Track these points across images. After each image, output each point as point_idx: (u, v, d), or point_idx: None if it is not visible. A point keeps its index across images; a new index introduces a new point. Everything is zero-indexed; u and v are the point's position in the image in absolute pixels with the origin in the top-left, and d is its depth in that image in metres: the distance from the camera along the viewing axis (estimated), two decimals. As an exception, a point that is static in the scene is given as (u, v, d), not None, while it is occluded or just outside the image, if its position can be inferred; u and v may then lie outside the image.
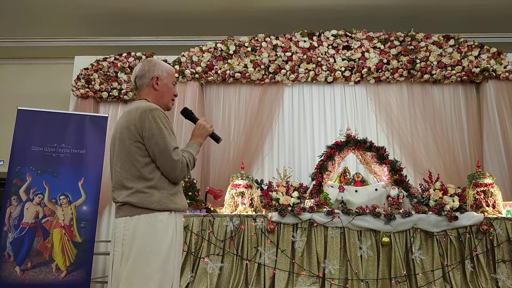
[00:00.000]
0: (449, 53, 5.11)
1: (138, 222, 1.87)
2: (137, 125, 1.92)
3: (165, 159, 1.91)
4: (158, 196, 1.90)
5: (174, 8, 5.44)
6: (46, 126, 4.24)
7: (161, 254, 1.85)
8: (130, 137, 1.93)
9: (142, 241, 1.84)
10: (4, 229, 3.96)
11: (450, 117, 5.18)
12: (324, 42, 5.23)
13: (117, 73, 5.30)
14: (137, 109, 1.97)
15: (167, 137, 1.92)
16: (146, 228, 1.86)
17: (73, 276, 4.01)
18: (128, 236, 1.86)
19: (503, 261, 3.79)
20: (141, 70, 2.10)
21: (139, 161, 1.92)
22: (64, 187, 4.16)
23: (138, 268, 1.83)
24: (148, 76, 2.08)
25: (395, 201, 4.10)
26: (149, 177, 1.91)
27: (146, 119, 1.92)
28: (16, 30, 5.92)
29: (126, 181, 1.92)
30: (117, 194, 1.95)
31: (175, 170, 1.93)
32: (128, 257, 1.84)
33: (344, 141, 4.40)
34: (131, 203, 1.88)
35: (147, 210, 1.87)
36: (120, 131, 1.99)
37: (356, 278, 3.76)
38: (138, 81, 2.10)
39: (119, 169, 1.96)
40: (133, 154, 1.93)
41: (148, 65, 2.10)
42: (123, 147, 1.96)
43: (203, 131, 2.16)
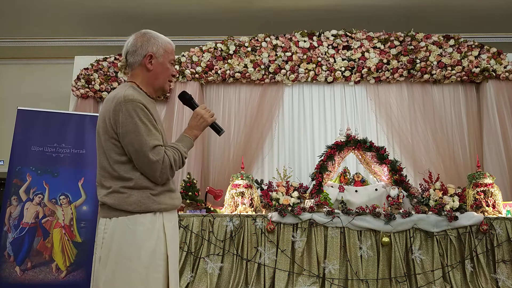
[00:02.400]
0: (449, 53, 5.11)
1: (116, 225, 1.64)
2: (111, 119, 1.65)
3: (141, 160, 1.64)
4: (136, 197, 1.65)
5: (174, 8, 5.44)
6: (46, 126, 4.24)
7: (141, 262, 1.62)
8: (106, 132, 1.68)
9: (120, 247, 1.62)
10: (4, 229, 3.96)
11: (450, 117, 5.18)
12: (324, 42, 5.23)
13: (117, 73, 5.31)
14: (114, 98, 1.68)
15: (143, 134, 1.62)
16: (125, 232, 1.62)
17: (73, 276, 4.01)
18: (107, 239, 1.64)
19: (503, 261, 3.79)
20: (133, 45, 1.78)
21: (115, 159, 1.67)
22: (64, 187, 4.16)
23: (117, 276, 1.61)
24: (140, 53, 1.76)
25: (395, 201, 4.10)
26: (126, 176, 1.66)
27: (120, 112, 1.63)
28: (16, 30, 5.92)
29: (104, 180, 1.70)
30: (98, 191, 1.73)
31: (154, 172, 1.65)
32: (106, 263, 1.62)
33: (344, 141, 4.40)
34: (108, 204, 1.66)
35: (125, 212, 1.63)
36: (98, 122, 1.74)
37: (356, 278, 3.76)
38: (129, 58, 1.78)
39: (98, 166, 1.73)
40: (108, 151, 1.68)
41: (142, 40, 1.78)
42: (99, 142, 1.72)
43: (201, 122, 1.85)
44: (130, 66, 1.80)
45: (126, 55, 1.79)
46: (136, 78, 1.80)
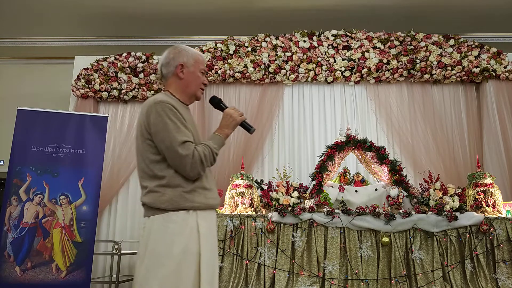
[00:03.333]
0: (449, 53, 5.11)
1: (153, 223, 1.77)
2: (144, 121, 1.82)
3: (172, 155, 1.76)
4: (169, 195, 1.75)
5: (174, 8, 5.44)
6: (46, 126, 4.24)
7: (173, 258, 1.70)
8: (142, 135, 1.84)
9: (154, 243, 1.74)
10: (4, 229, 3.96)
11: (450, 117, 5.18)
12: (324, 42, 5.23)
13: (117, 73, 5.31)
14: (146, 103, 1.86)
15: (172, 131, 1.75)
16: (159, 229, 1.74)
17: (73, 276, 4.01)
18: (144, 237, 1.78)
19: (503, 261, 3.79)
20: (166, 58, 1.95)
21: (150, 159, 1.81)
22: (64, 187, 4.16)
23: (151, 272, 1.71)
24: (173, 64, 1.93)
25: (395, 201, 4.10)
26: (160, 175, 1.78)
27: (151, 114, 1.80)
28: (16, 30, 5.92)
29: (142, 181, 1.84)
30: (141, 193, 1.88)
31: (185, 166, 1.75)
32: (142, 259, 1.75)
33: (344, 141, 4.40)
34: (145, 203, 1.81)
35: (159, 211, 1.75)
36: (136, 128, 1.93)
37: (356, 278, 3.76)
38: (163, 70, 1.96)
39: (138, 168, 1.88)
40: (145, 152, 1.83)
41: (173, 52, 1.95)
42: (137, 145, 1.89)
43: (230, 121, 1.95)
44: (164, 77, 1.97)
45: (160, 68, 1.97)
46: (170, 87, 1.96)
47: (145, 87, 5.27)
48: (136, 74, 5.30)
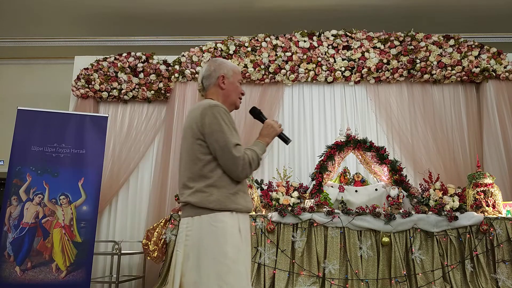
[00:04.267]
0: (449, 53, 5.11)
1: (201, 223, 1.81)
2: (198, 123, 1.89)
3: (226, 156, 1.84)
4: (217, 196, 1.82)
5: (174, 8, 5.44)
6: (46, 126, 4.24)
7: (228, 256, 1.77)
8: (193, 135, 1.90)
9: (207, 243, 1.78)
10: (4, 229, 3.96)
11: (450, 117, 5.18)
12: (324, 42, 5.23)
13: (117, 73, 5.30)
14: (199, 106, 1.94)
15: (227, 133, 1.85)
16: (209, 229, 1.79)
17: (73, 276, 4.01)
18: (192, 237, 1.81)
19: (503, 261, 3.79)
20: (207, 70, 2.07)
21: (200, 159, 1.87)
22: (64, 187, 4.16)
23: (208, 271, 1.75)
24: (214, 76, 2.04)
25: (395, 201, 4.10)
26: (209, 175, 1.85)
27: (206, 115, 1.88)
28: (16, 30, 5.92)
29: (188, 180, 1.88)
30: (181, 193, 1.92)
31: (237, 167, 1.84)
32: (195, 260, 1.77)
33: (344, 141, 4.40)
34: (191, 203, 1.84)
35: (207, 210, 1.81)
36: (184, 130, 1.98)
37: (356, 278, 3.76)
38: (205, 82, 2.06)
39: (183, 169, 1.93)
40: (195, 152, 1.88)
41: (214, 65, 2.07)
42: (186, 146, 1.93)
43: (271, 131, 2.08)
44: (205, 88, 2.07)
45: (202, 80, 2.07)
46: (211, 96, 2.04)
47: (145, 87, 5.27)
48: (136, 74, 5.30)
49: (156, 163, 5.17)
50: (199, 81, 2.09)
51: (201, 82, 2.08)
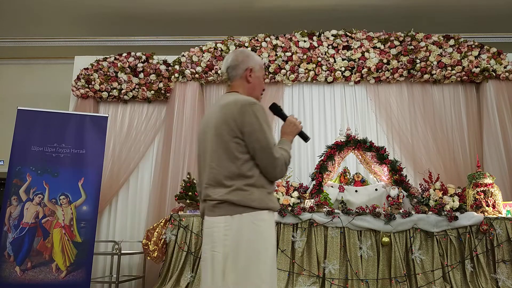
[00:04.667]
0: (449, 53, 5.11)
1: (241, 221, 1.76)
2: (237, 120, 1.81)
3: (266, 156, 1.81)
4: (257, 194, 1.79)
5: (174, 8, 5.44)
6: (46, 126, 4.24)
7: (269, 255, 1.77)
8: (229, 133, 1.82)
9: (250, 242, 1.74)
10: (4, 229, 3.96)
11: (450, 117, 5.18)
12: (324, 42, 5.23)
13: (117, 73, 5.31)
14: (236, 102, 1.85)
15: (267, 132, 1.82)
16: (252, 227, 1.76)
17: (73, 276, 4.01)
18: (232, 236, 1.75)
19: (503, 261, 3.78)
20: (234, 61, 1.99)
21: (238, 157, 1.81)
22: (64, 187, 4.16)
23: (251, 270, 1.73)
24: (241, 68, 1.98)
25: (395, 201, 4.10)
26: (248, 174, 1.80)
27: (247, 113, 1.82)
28: (16, 30, 5.92)
29: (224, 179, 1.80)
30: (212, 191, 1.82)
31: (275, 168, 1.83)
32: (236, 259, 1.73)
33: (344, 141, 4.40)
34: (231, 201, 1.77)
35: (249, 209, 1.76)
36: (216, 126, 1.86)
37: (356, 278, 3.76)
38: (231, 72, 1.99)
39: (216, 166, 1.83)
40: (232, 151, 1.81)
41: (242, 56, 2.01)
42: (221, 143, 1.84)
43: (293, 129, 2.04)
44: (231, 78, 2.00)
45: (227, 69, 2.01)
46: (237, 89, 1.99)
47: (145, 87, 5.27)
48: (136, 74, 5.30)
49: (156, 163, 5.17)
50: (224, 70, 2.01)
51: (226, 72, 2.00)
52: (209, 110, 1.98)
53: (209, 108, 2.03)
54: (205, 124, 1.94)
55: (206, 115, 1.99)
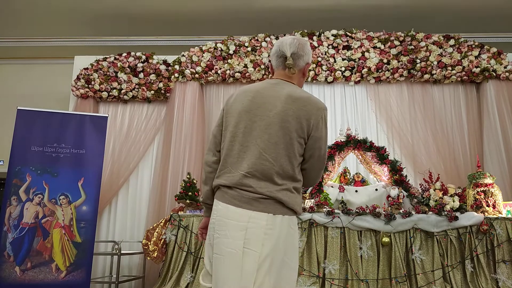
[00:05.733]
0: (449, 53, 5.11)
1: (282, 222, 1.64)
2: (310, 122, 1.71)
3: (320, 166, 1.78)
4: (300, 199, 1.73)
5: (174, 8, 5.44)
6: (46, 126, 4.24)
7: (297, 262, 1.71)
8: (297, 131, 1.69)
9: (286, 246, 1.64)
10: (4, 229, 3.96)
11: (450, 117, 5.17)
12: (324, 42, 5.23)
13: (117, 73, 5.30)
14: (311, 102, 1.74)
15: (326, 142, 1.79)
16: (289, 231, 1.67)
17: (73, 276, 4.01)
18: (273, 236, 1.60)
19: (503, 261, 3.78)
20: (302, 50, 1.82)
21: (297, 158, 1.71)
22: (64, 187, 4.16)
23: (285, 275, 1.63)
24: (305, 60, 1.84)
25: (395, 201, 4.10)
26: (298, 178, 1.74)
27: (321, 119, 1.74)
28: (16, 30, 5.92)
29: (275, 175, 1.66)
30: (256, 183, 1.64)
31: (319, 178, 1.83)
32: (273, 261, 1.59)
33: (344, 141, 4.40)
34: (280, 200, 1.64)
35: (291, 212, 1.68)
36: (283, 117, 1.69)
37: (356, 278, 3.75)
38: (297, 61, 1.81)
39: (271, 159, 1.66)
40: (294, 150, 1.69)
41: (308, 48, 1.85)
42: (284, 137, 1.68)
43: None
44: (293, 67, 1.82)
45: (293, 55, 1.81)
46: (294, 80, 1.85)
47: (145, 87, 5.27)
48: (136, 74, 5.30)
49: (156, 163, 5.17)
50: (289, 55, 1.79)
51: (292, 58, 1.80)
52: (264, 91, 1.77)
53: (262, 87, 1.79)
54: (258, 105, 1.73)
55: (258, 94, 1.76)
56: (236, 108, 1.76)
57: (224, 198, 1.68)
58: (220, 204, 1.68)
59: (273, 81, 1.82)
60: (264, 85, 1.81)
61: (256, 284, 1.55)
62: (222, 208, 1.67)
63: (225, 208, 1.66)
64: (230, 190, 1.67)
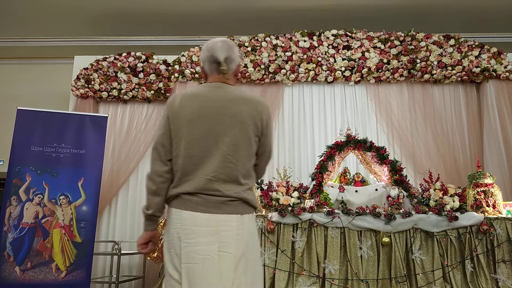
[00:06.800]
0: (450, 53, 5.11)
1: (249, 221, 1.72)
2: (263, 121, 1.79)
3: (268, 160, 1.89)
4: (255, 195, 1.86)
5: (174, 8, 5.44)
6: (46, 126, 4.24)
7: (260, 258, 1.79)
8: (254, 130, 1.76)
9: (255, 242, 1.74)
10: (4, 229, 3.96)
11: (450, 117, 5.17)
12: (324, 42, 5.22)
13: (117, 73, 5.30)
14: (260, 102, 1.82)
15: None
16: (254, 228, 1.77)
17: (73, 276, 4.01)
18: (244, 236, 1.66)
19: (503, 261, 3.78)
20: (234, 53, 1.84)
21: (254, 157, 1.80)
22: (64, 187, 4.16)
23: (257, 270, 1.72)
24: (237, 62, 1.87)
25: (395, 201, 4.10)
26: (253, 175, 1.83)
27: (270, 117, 1.84)
28: (16, 30, 5.92)
29: (241, 176, 1.71)
30: (222, 186, 1.67)
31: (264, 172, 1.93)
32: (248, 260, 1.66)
33: (344, 141, 4.40)
34: (246, 199, 1.70)
35: (253, 209, 1.76)
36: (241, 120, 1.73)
37: (356, 278, 3.75)
38: (229, 64, 1.83)
39: (235, 161, 1.70)
40: (252, 149, 1.77)
41: (237, 51, 1.89)
42: (244, 139, 1.73)
43: None
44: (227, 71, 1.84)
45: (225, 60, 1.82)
46: (231, 82, 1.89)
47: (145, 87, 5.27)
48: (136, 74, 5.30)
49: (156, 163, 5.16)
50: (222, 60, 1.80)
51: (225, 62, 1.81)
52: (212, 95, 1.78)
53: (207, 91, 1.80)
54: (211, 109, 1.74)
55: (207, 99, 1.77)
56: (185, 115, 1.73)
57: (187, 205, 1.66)
58: (184, 212, 1.66)
59: (215, 85, 1.83)
60: (208, 89, 1.82)
61: (234, 285, 1.60)
62: (188, 217, 1.65)
63: (192, 216, 1.65)
64: (194, 197, 1.67)
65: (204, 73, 1.91)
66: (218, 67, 1.82)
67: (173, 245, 1.67)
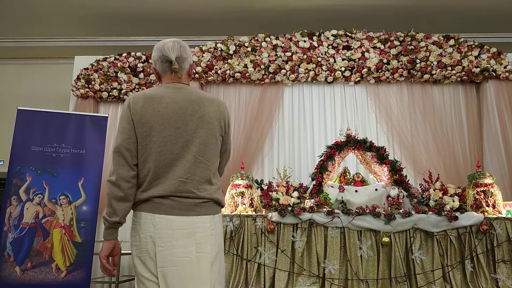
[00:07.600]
0: (449, 53, 5.11)
1: (219, 220, 1.78)
2: (226, 120, 1.87)
3: (227, 159, 1.97)
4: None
5: (174, 8, 5.44)
6: (46, 126, 4.24)
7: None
8: (219, 130, 1.82)
9: (222, 242, 1.80)
10: (4, 229, 3.96)
11: (450, 117, 5.18)
12: (324, 42, 5.23)
13: (117, 73, 5.30)
14: (221, 102, 1.88)
15: None
16: (222, 227, 1.83)
17: (73, 276, 4.01)
18: (216, 236, 1.72)
19: (503, 261, 3.79)
20: (185, 53, 1.84)
21: (219, 156, 1.88)
22: (64, 187, 4.16)
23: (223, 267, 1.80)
24: (189, 62, 1.87)
25: (395, 201, 4.10)
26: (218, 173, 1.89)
27: (229, 116, 1.91)
28: (16, 30, 5.92)
29: (212, 176, 1.76)
30: (197, 188, 1.68)
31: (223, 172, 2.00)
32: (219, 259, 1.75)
33: (344, 141, 4.40)
34: (217, 200, 1.76)
35: (220, 209, 1.81)
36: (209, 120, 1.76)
37: (356, 278, 3.76)
38: (182, 63, 1.83)
39: (206, 161, 1.73)
40: (218, 149, 1.84)
41: (189, 50, 1.89)
42: (211, 139, 1.77)
43: None
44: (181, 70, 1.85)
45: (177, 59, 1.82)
46: (186, 82, 1.90)
47: (145, 87, 5.27)
48: (136, 74, 5.30)
49: (156, 163, 5.16)
50: (174, 59, 1.80)
51: (176, 61, 1.80)
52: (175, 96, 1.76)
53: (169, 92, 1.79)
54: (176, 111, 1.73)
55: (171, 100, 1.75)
56: (150, 117, 1.70)
57: (160, 209, 1.64)
58: (157, 216, 1.64)
59: (174, 86, 1.83)
60: (169, 90, 1.80)
61: (211, 283, 1.65)
62: (161, 221, 1.63)
63: (166, 220, 1.63)
64: (166, 200, 1.65)
65: (157, 74, 1.90)
66: (170, 66, 1.82)
67: (146, 249, 1.66)
